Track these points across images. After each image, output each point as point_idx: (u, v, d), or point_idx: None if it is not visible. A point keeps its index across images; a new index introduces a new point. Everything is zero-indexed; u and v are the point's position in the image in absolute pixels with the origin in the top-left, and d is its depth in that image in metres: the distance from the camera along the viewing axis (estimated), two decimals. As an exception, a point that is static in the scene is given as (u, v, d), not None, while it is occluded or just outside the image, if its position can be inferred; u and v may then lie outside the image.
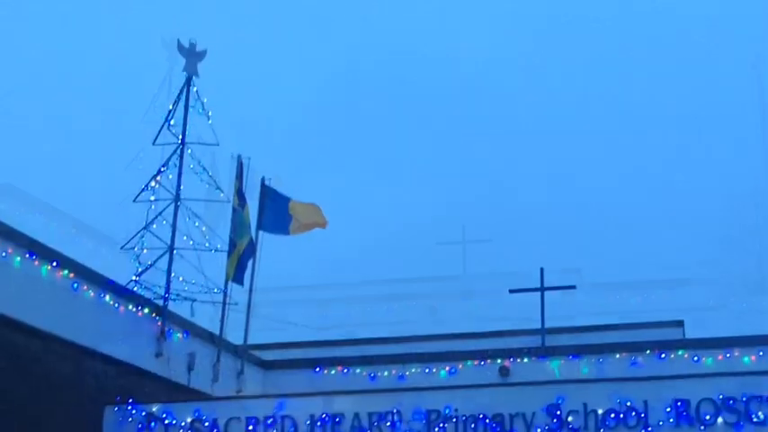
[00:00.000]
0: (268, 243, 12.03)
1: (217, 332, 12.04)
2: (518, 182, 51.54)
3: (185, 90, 11.02)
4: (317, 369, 12.85)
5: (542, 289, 14.25)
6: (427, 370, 12.55)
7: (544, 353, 13.22)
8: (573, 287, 15.89)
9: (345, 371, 12.68)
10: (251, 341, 12.51)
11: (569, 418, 9.01)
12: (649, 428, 8.89)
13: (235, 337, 12.12)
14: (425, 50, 50.64)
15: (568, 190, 50.41)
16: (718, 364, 11.78)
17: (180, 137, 11.18)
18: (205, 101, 11.14)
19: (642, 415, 8.97)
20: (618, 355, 12.33)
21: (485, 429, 9.06)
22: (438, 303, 24.09)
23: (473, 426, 9.08)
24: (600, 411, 8.99)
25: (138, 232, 10.72)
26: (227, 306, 11.53)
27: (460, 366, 12.53)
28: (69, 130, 41.28)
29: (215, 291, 11.35)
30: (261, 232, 12.05)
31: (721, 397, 8.78)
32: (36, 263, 8.87)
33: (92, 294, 9.71)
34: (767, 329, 15.17)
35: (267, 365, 13.27)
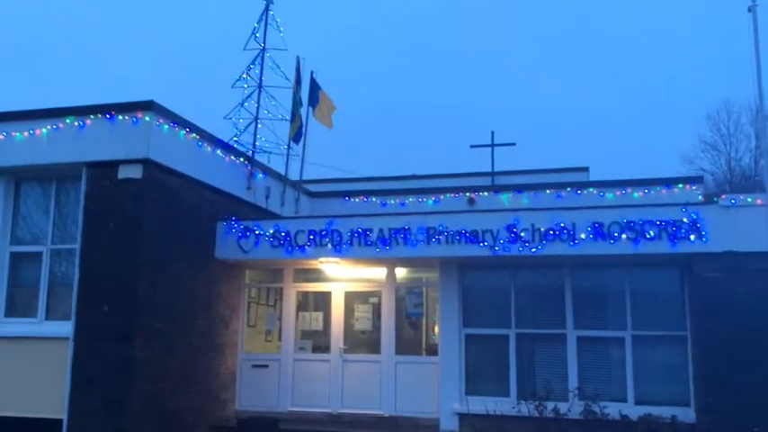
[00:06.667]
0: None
1: (283, 173, 14.58)
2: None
3: (265, 11, 13.72)
4: (346, 198, 15.90)
5: (492, 145, 18.89)
6: (419, 200, 15.45)
7: (498, 189, 15.94)
8: (513, 144, 19.67)
9: (365, 200, 15.70)
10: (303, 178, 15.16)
11: (522, 234, 10.92)
12: (576, 241, 10.66)
13: (293, 175, 14.81)
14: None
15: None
16: (616, 198, 14.11)
17: (262, 44, 13.77)
18: (278, 20, 13.87)
19: (571, 232, 10.76)
20: (548, 191, 14.96)
21: (466, 240, 11.10)
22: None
23: (458, 238, 11.14)
24: (542, 229, 10.86)
25: (235, 108, 13.35)
26: (289, 156, 14.31)
27: (441, 197, 15.36)
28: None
29: (282, 147, 14.12)
30: (309, 108, 14.82)
31: (625, 221, 10.56)
32: (176, 129, 11.01)
33: (209, 149, 11.92)
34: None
35: (313, 195, 16.25)
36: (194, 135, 11.52)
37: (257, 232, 12.23)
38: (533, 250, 10.99)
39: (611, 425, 10.52)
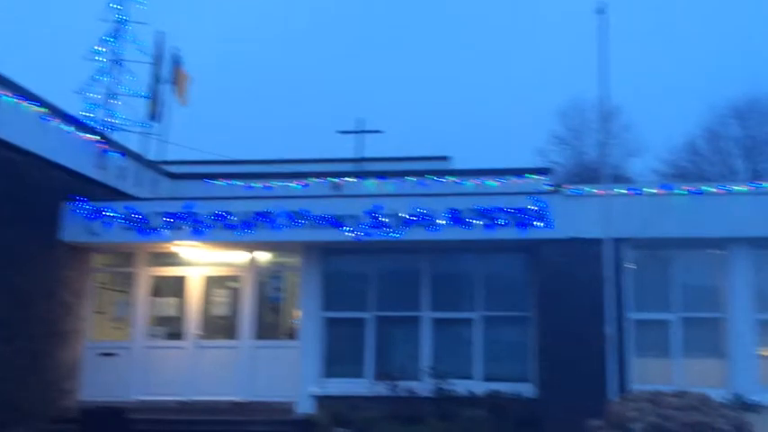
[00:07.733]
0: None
1: (141, 152, 14.37)
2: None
3: None
4: (208, 180, 15.45)
5: (360, 131, 19.33)
6: (285, 184, 15.27)
7: (363, 175, 16.09)
8: (380, 131, 20.62)
9: (228, 182, 15.36)
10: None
11: (384, 219, 11.12)
12: (435, 227, 10.98)
13: (154, 156, 14.61)
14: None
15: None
16: (474, 186, 14.60)
17: (121, 16, 13.28)
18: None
19: (431, 218, 11.06)
20: (411, 178, 15.25)
21: (329, 225, 11.21)
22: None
23: (320, 222, 11.23)
24: (403, 215, 11.10)
25: (88, 81, 12.89)
26: (147, 135, 14.22)
27: (308, 182, 15.25)
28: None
29: (140, 124, 13.94)
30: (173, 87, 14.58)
31: (479, 208, 10.96)
32: (19, 102, 10.55)
33: (56, 124, 11.46)
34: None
35: (174, 177, 15.73)
36: (42, 109, 10.97)
37: (108, 214, 11.80)
38: (395, 235, 11.16)
39: (460, 401, 10.98)
